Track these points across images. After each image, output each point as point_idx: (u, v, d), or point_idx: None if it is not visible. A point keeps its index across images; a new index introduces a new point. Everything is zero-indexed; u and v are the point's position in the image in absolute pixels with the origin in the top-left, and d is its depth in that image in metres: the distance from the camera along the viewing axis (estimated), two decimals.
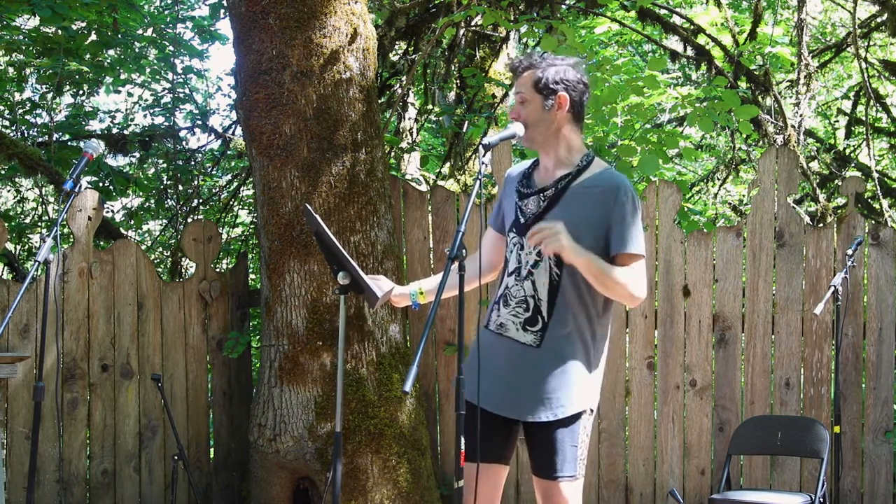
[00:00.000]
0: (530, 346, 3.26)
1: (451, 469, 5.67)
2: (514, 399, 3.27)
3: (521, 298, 3.29)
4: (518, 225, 3.33)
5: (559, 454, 3.24)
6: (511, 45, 8.45)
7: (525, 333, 3.27)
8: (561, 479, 3.25)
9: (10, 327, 5.29)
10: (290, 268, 5.24)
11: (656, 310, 5.70)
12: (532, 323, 3.26)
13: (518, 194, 3.36)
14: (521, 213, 3.32)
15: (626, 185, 3.25)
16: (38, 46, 7.64)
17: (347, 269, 3.49)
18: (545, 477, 3.28)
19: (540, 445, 3.28)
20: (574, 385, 3.24)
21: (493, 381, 3.28)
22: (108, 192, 7.44)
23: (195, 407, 5.76)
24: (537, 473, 3.31)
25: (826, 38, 9.94)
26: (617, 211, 3.20)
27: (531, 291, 3.27)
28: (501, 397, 3.28)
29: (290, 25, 5.20)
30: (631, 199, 3.23)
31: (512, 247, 3.35)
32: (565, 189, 3.26)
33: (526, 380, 3.25)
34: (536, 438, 3.29)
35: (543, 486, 3.29)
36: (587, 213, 3.22)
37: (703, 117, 5.84)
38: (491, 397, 3.27)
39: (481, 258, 3.50)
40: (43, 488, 5.33)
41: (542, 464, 3.28)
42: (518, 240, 3.32)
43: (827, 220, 6.56)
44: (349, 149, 5.28)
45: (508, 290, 3.32)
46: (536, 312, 3.25)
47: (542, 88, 3.25)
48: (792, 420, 5.36)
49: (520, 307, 3.28)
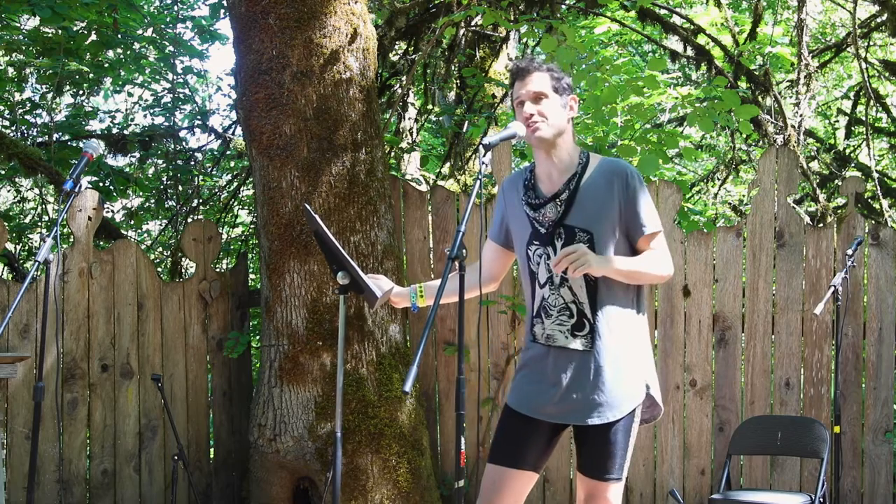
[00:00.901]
0: (582, 350, 3.27)
1: (451, 469, 5.67)
2: (566, 406, 3.27)
3: (562, 307, 3.30)
4: (540, 236, 3.33)
5: (613, 456, 3.27)
6: (511, 45, 8.45)
7: (574, 339, 3.28)
8: (610, 481, 3.27)
9: (10, 327, 5.29)
10: (290, 268, 5.24)
11: (656, 310, 5.70)
12: (579, 328, 3.28)
13: (529, 206, 3.36)
14: (540, 224, 3.33)
15: (629, 167, 3.33)
16: (38, 46, 7.63)
17: (347, 269, 3.50)
18: (595, 477, 3.28)
19: (593, 446, 3.29)
20: (630, 380, 3.28)
21: (548, 390, 3.30)
22: (108, 192, 7.44)
23: (195, 407, 5.76)
24: (586, 472, 3.31)
25: (826, 38, 9.94)
26: (629, 195, 3.27)
27: (571, 297, 3.29)
28: (558, 406, 3.28)
29: (290, 25, 5.20)
30: (637, 179, 3.31)
31: (538, 259, 3.35)
32: (577, 189, 3.30)
33: (580, 384, 3.26)
34: (590, 439, 3.29)
35: (591, 486, 3.30)
36: (603, 204, 3.27)
37: (703, 117, 5.84)
38: (547, 407, 3.29)
39: (481, 269, 3.51)
40: (43, 488, 5.33)
41: (594, 464, 3.29)
42: (543, 250, 3.33)
43: (827, 220, 6.56)
44: (349, 149, 5.28)
45: (546, 301, 3.33)
46: (581, 317, 3.28)
47: (558, 89, 3.32)
48: (792, 420, 5.36)
49: (563, 315, 3.30)
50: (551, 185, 3.34)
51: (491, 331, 5.80)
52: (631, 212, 3.27)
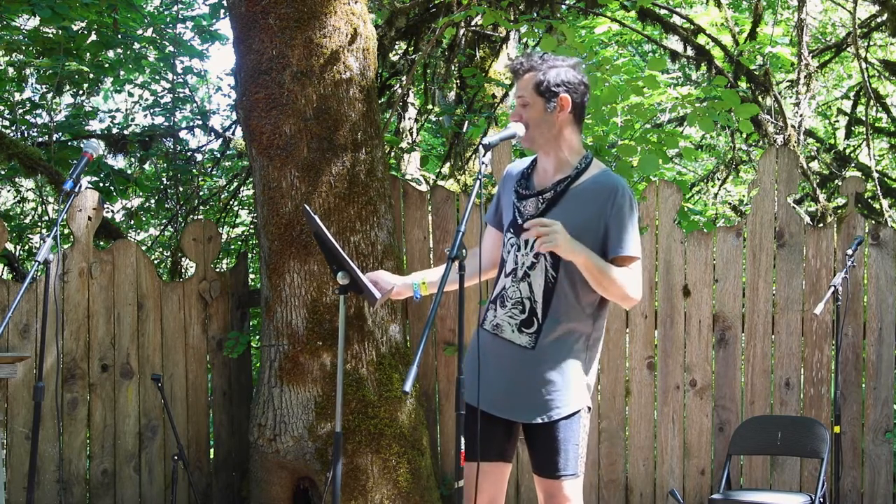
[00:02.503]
0: (525, 347, 3.27)
1: (451, 469, 5.66)
2: (511, 401, 3.28)
3: (517, 300, 3.29)
4: (515, 226, 3.33)
5: (561, 453, 3.25)
6: (511, 45, 8.45)
7: (520, 335, 3.28)
8: (564, 478, 3.26)
9: (10, 327, 5.29)
10: (290, 268, 5.24)
11: (656, 310, 5.70)
12: (527, 325, 3.27)
13: (517, 195, 3.36)
14: (520, 215, 3.32)
15: (624, 186, 3.26)
16: (38, 46, 7.63)
17: (347, 269, 3.50)
18: (547, 476, 3.29)
19: (541, 445, 3.29)
20: (570, 386, 3.26)
21: (491, 382, 3.29)
22: (108, 192, 7.44)
23: (195, 407, 5.76)
24: (539, 472, 3.32)
25: (826, 38, 9.94)
26: (615, 213, 3.22)
27: (527, 293, 3.27)
28: (499, 399, 3.29)
29: (290, 25, 5.20)
30: (628, 200, 3.24)
31: (509, 247, 3.35)
32: (564, 192, 3.27)
33: (522, 382, 3.27)
34: (537, 439, 3.30)
35: (546, 485, 3.30)
36: (585, 215, 3.23)
37: (703, 117, 5.84)
38: (489, 399, 3.28)
39: (481, 255, 3.51)
40: (43, 488, 5.33)
41: (544, 463, 3.29)
42: (515, 241, 3.32)
43: (827, 220, 6.56)
44: (349, 149, 5.28)
45: (505, 291, 3.33)
46: (532, 314, 3.26)
47: (543, 91, 3.26)
48: (792, 420, 5.36)
49: (516, 308, 3.29)
50: (543, 181, 3.33)
51: None
52: (613, 230, 3.22)
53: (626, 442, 5.76)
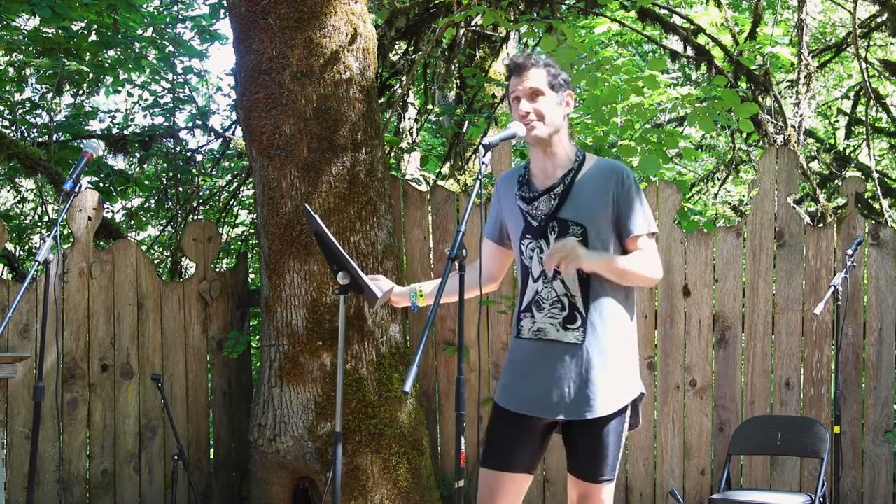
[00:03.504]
0: (575, 343, 3.24)
1: (451, 469, 5.66)
2: (563, 399, 3.24)
3: (554, 300, 3.28)
4: (532, 229, 3.32)
5: (605, 456, 3.24)
6: (511, 45, 8.45)
7: (566, 332, 3.26)
8: (603, 482, 3.25)
9: (10, 327, 5.29)
10: (290, 268, 5.24)
11: (656, 310, 5.70)
12: (571, 321, 3.26)
13: (522, 200, 3.35)
14: (533, 217, 3.32)
15: (625, 168, 3.32)
16: (38, 46, 7.63)
17: (347, 269, 3.50)
18: (587, 479, 3.26)
19: (584, 447, 3.26)
20: (621, 378, 3.26)
21: (537, 384, 3.26)
22: (108, 192, 7.44)
23: (195, 407, 5.76)
24: (579, 475, 3.28)
25: (826, 38, 9.94)
26: (623, 195, 3.26)
27: (563, 290, 3.27)
28: (548, 399, 3.25)
29: (290, 25, 5.20)
30: (633, 180, 3.30)
31: (531, 252, 3.33)
32: (572, 184, 3.29)
33: (575, 378, 3.23)
34: (581, 438, 3.26)
35: (583, 488, 3.27)
36: (597, 200, 3.26)
37: (703, 117, 5.84)
38: (536, 402, 3.26)
39: (481, 268, 3.49)
40: (43, 488, 5.33)
41: (586, 465, 3.26)
42: (536, 244, 3.31)
43: (827, 220, 6.56)
44: (349, 149, 5.28)
45: (539, 295, 3.30)
46: (573, 310, 3.26)
47: (554, 85, 3.30)
48: (792, 420, 5.36)
49: (555, 308, 3.28)
50: (546, 180, 3.33)
51: (491, 331, 5.80)
52: (623, 211, 3.26)
53: (627, 442, 5.75)
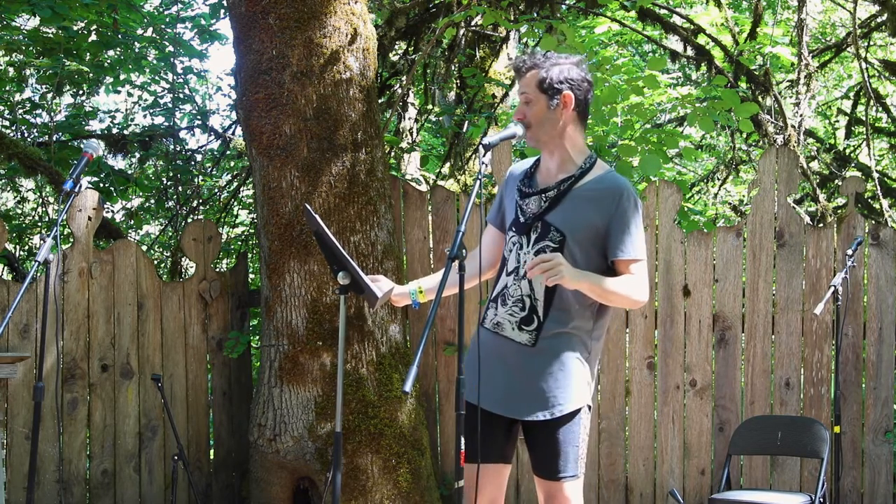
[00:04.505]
0: (525, 345, 3.26)
1: (451, 469, 5.67)
2: (512, 398, 3.28)
3: (517, 298, 3.29)
4: (518, 224, 3.33)
5: (561, 454, 3.25)
6: (511, 45, 8.45)
7: (521, 333, 3.27)
8: (564, 480, 3.26)
9: (10, 327, 5.29)
10: (290, 268, 5.24)
11: (656, 310, 5.70)
12: (528, 322, 3.27)
13: (519, 193, 3.35)
14: (522, 213, 3.32)
15: (629, 188, 3.26)
16: (38, 46, 7.63)
17: (347, 269, 3.50)
18: (548, 477, 3.28)
19: (541, 445, 3.28)
20: (571, 383, 3.25)
21: (492, 380, 3.29)
22: (108, 192, 7.44)
23: (195, 407, 5.76)
24: (539, 474, 3.31)
25: (826, 38, 9.94)
26: (618, 215, 3.22)
27: (528, 291, 3.27)
28: (500, 397, 3.29)
29: (290, 25, 5.20)
30: (633, 203, 3.24)
31: (511, 246, 3.34)
32: (567, 191, 3.26)
33: (523, 379, 3.26)
34: (537, 438, 3.29)
35: (546, 486, 3.30)
36: (588, 215, 3.23)
37: (703, 117, 5.84)
38: (490, 396, 3.28)
39: (481, 255, 3.50)
40: (43, 488, 5.33)
41: (544, 464, 3.28)
42: (517, 239, 3.32)
43: (827, 220, 6.56)
44: (349, 149, 5.28)
45: (507, 290, 3.32)
46: (532, 312, 3.26)
47: (546, 88, 3.25)
48: (792, 420, 5.36)
49: (516, 306, 3.29)
50: (546, 179, 3.33)
51: None
52: (614, 232, 3.22)
53: (626, 442, 5.75)
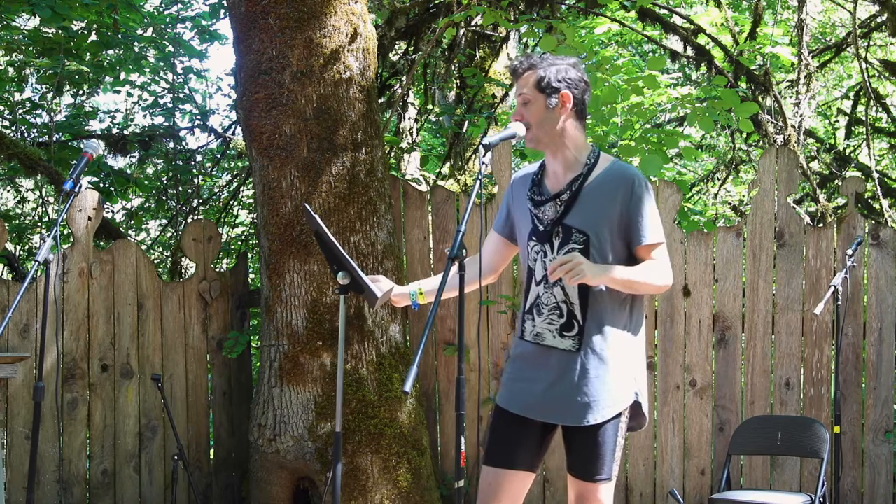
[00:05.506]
0: (570, 350, 3.26)
1: (451, 469, 5.66)
2: (554, 404, 3.26)
3: (553, 305, 3.28)
4: (538, 233, 3.32)
5: (601, 457, 3.25)
6: (511, 45, 8.45)
7: (563, 339, 3.27)
8: (600, 482, 3.26)
9: (10, 327, 5.29)
10: (290, 268, 5.24)
11: (656, 310, 5.70)
12: (568, 328, 3.26)
13: (532, 202, 3.35)
14: (539, 221, 3.31)
15: (638, 174, 3.28)
16: (38, 46, 7.63)
17: (347, 269, 3.50)
18: (583, 478, 3.27)
19: (581, 447, 3.27)
20: (615, 386, 3.25)
21: (533, 387, 3.29)
22: (108, 192, 7.44)
23: (195, 407, 5.76)
24: (575, 473, 3.30)
25: (826, 38, 9.94)
26: (633, 204, 3.23)
27: (562, 297, 3.27)
28: (540, 403, 3.28)
29: (290, 25, 5.20)
30: (645, 187, 3.26)
31: (535, 255, 3.33)
32: (579, 190, 3.27)
33: (569, 385, 3.25)
34: (577, 441, 3.28)
35: (581, 487, 3.28)
36: (604, 210, 3.24)
37: (703, 117, 5.84)
38: (529, 403, 3.28)
39: (482, 260, 3.49)
40: (43, 488, 5.33)
41: (583, 465, 3.27)
42: (540, 247, 3.31)
43: (827, 220, 6.56)
44: (349, 149, 5.28)
45: (539, 299, 3.31)
46: (571, 317, 3.26)
47: (544, 88, 3.26)
48: (792, 420, 5.36)
49: (553, 314, 3.28)
50: (556, 183, 3.32)
51: (491, 331, 5.80)
52: (633, 220, 3.23)
53: (627, 442, 5.75)
